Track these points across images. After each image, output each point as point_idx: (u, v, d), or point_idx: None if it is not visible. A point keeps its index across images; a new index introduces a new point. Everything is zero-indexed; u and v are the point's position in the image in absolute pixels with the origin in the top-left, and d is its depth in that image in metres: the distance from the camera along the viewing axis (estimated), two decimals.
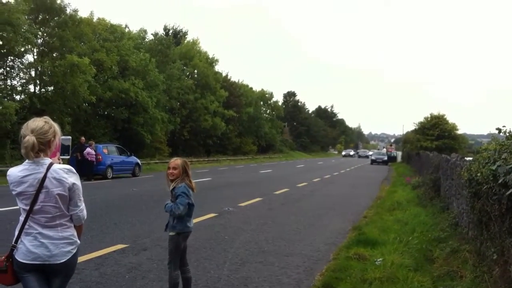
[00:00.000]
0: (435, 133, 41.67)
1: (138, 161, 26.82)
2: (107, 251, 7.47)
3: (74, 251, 3.23)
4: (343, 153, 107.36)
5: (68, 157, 19.07)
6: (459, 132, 45.11)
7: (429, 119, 43.59)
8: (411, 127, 55.08)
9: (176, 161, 5.03)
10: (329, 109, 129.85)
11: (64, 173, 3.13)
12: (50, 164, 3.11)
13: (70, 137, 21.01)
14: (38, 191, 3.06)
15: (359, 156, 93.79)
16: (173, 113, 43.80)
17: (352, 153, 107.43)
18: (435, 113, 43.94)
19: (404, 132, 75.93)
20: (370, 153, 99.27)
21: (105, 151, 24.19)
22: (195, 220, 10.20)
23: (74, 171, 3.23)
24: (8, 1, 25.88)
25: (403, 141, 62.34)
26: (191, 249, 7.18)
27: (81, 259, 6.34)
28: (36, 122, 3.13)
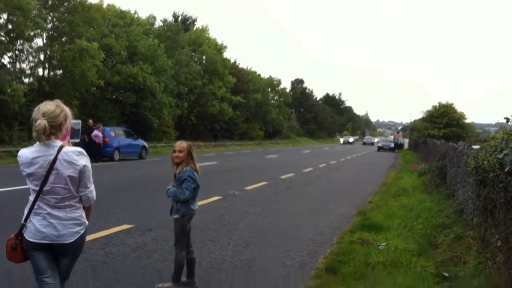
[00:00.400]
0: (443, 121, 41.46)
1: (145, 144, 26.93)
2: (113, 231, 7.54)
3: (82, 231, 3.28)
4: (341, 140, 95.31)
5: (78, 140, 19.18)
6: (467, 121, 44.88)
7: (437, 107, 43.37)
8: (419, 115, 54.98)
9: (182, 144, 5.04)
10: (337, 97, 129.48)
11: (75, 155, 3.18)
12: (61, 147, 3.15)
13: (79, 121, 21.11)
14: (48, 172, 3.10)
15: (364, 143, 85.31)
16: (180, 98, 43.82)
17: (351, 139, 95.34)
18: (444, 102, 43.74)
19: (412, 120, 75.71)
20: (376, 140, 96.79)
21: (113, 133, 24.30)
22: (200, 203, 10.25)
23: (85, 153, 3.27)
24: None
25: (411, 129, 62.10)
26: (196, 230, 7.24)
27: (87, 238, 6.37)
28: (48, 106, 3.16)
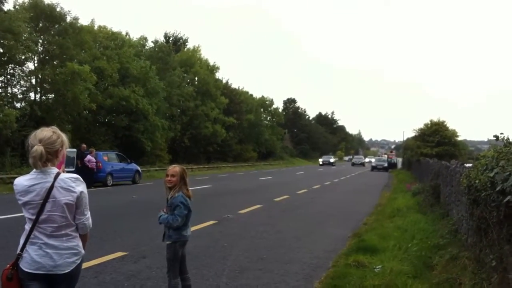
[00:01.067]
0: (435, 140, 41.57)
1: (138, 168, 26.81)
2: (107, 258, 7.47)
3: (78, 261, 3.24)
4: (320, 161, 78.22)
5: (73, 169, 19.06)
6: (460, 138, 45.04)
7: (429, 125, 43.51)
8: (411, 133, 55.06)
9: (175, 168, 5.03)
10: (329, 116, 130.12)
11: (71, 182, 3.15)
12: (58, 174, 3.13)
13: (75, 149, 21.05)
14: (45, 200, 3.07)
15: (353, 164, 76.42)
16: (173, 120, 43.88)
17: (332, 160, 79.36)
18: (435, 119, 43.93)
19: (405, 139, 75.92)
20: (368, 159, 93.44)
21: (106, 158, 24.20)
22: (194, 228, 10.23)
23: (81, 179, 3.25)
24: (9, 9, 25.99)
25: (404, 148, 62.30)
26: (190, 256, 7.18)
27: None
28: (44, 132, 3.14)
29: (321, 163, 76.33)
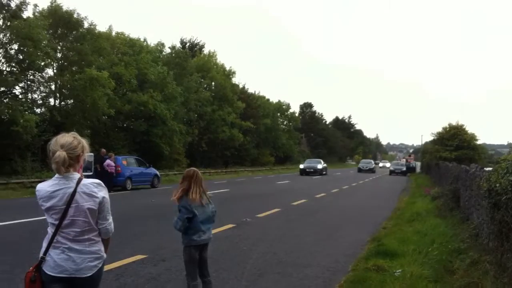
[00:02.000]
0: (454, 144, 41.22)
1: (157, 172, 26.98)
2: (127, 261, 7.55)
3: (100, 265, 3.28)
4: (301, 166, 52.24)
5: (91, 173, 19.24)
6: (479, 142, 44.57)
7: (447, 129, 43.14)
8: (430, 137, 54.47)
9: (189, 172, 5.10)
10: (346, 120, 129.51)
11: (94, 187, 3.19)
12: (80, 179, 3.17)
13: (92, 153, 21.27)
14: (68, 205, 3.11)
15: (360, 170, 61.90)
16: (191, 125, 44.10)
17: (320, 166, 51.97)
18: (454, 123, 43.54)
19: (423, 143, 75.29)
20: (381, 164, 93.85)
21: (125, 162, 24.40)
22: (213, 231, 10.26)
23: (103, 185, 3.29)
24: (29, 17, 26.38)
25: (422, 152, 61.78)
26: (211, 260, 7.19)
27: None
28: (66, 138, 3.18)
29: (303, 168, 54.11)
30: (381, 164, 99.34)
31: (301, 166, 52.48)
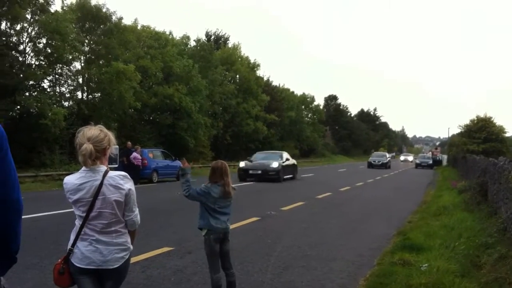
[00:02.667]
0: (482, 136, 40.53)
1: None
2: (153, 254, 7.64)
3: (127, 257, 3.33)
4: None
5: (116, 165, 19.48)
6: (507, 135, 43.76)
7: (475, 121, 42.44)
8: (457, 130, 53.53)
9: (217, 163, 5.21)
10: (372, 112, 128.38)
11: (120, 179, 3.23)
12: (106, 171, 3.21)
13: (117, 146, 21.47)
14: (95, 198, 3.15)
15: (371, 165, 50.20)
16: (215, 117, 44.30)
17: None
18: (482, 115, 42.80)
19: (450, 135, 74.24)
20: (402, 157, 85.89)
21: (151, 155, 24.65)
22: (238, 224, 10.35)
23: (129, 177, 3.33)
24: (57, 11, 26.77)
25: (449, 145, 60.96)
26: (235, 252, 7.27)
27: None
28: (92, 131, 3.22)
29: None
30: (402, 158, 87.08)
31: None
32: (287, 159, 28.17)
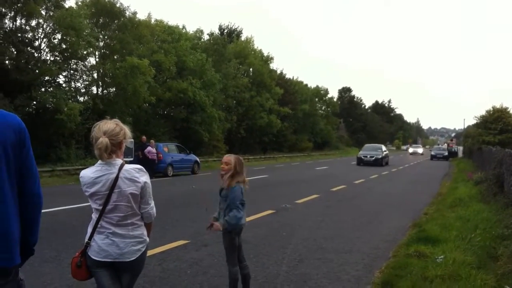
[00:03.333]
0: (498, 127, 40.11)
1: (197, 159, 27.30)
2: (169, 247, 7.71)
3: (143, 249, 3.36)
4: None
5: (132, 159, 19.61)
6: None
7: (491, 112, 41.99)
8: (472, 121, 53.07)
9: (229, 157, 5.09)
10: (386, 104, 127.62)
11: (136, 172, 3.27)
12: (122, 165, 3.24)
13: (132, 140, 21.60)
14: (111, 191, 3.19)
15: (361, 162, 37.94)
16: (229, 111, 44.37)
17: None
18: (498, 106, 42.32)
19: (465, 126, 73.56)
20: (411, 150, 76.90)
21: (166, 149, 24.76)
22: (253, 217, 10.39)
23: (145, 170, 3.36)
24: (71, 6, 26.93)
25: (464, 136, 60.44)
26: (250, 245, 7.32)
27: None
28: (108, 125, 3.25)
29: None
30: (411, 150, 78.06)
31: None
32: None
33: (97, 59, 30.16)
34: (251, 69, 51.46)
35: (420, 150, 76.41)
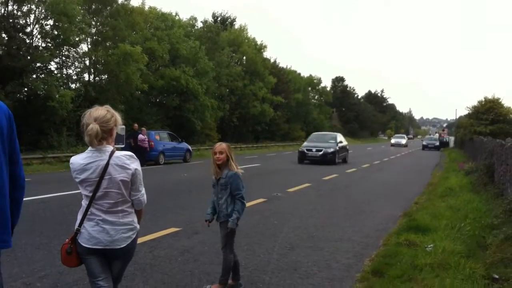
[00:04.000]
0: (490, 118, 40.18)
1: (189, 147, 27.24)
2: (160, 234, 7.71)
3: (134, 236, 3.36)
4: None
5: (123, 146, 19.54)
6: None
7: (483, 103, 42.05)
8: (464, 111, 53.25)
9: (222, 145, 5.05)
10: (379, 94, 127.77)
11: (126, 159, 3.26)
12: (112, 152, 3.23)
13: (124, 126, 21.54)
14: (101, 177, 3.18)
15: (304, 157, 26.47)
16: (222, 100, 44.27)
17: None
18: (490, 96, 42.38)
19: (457, 117, 73.84)
20: (393, 141, 67.88)
21: (157, 137, 24.70)
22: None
23: (135, 157, 3.36)
24: None
25: (456, 126, 60.65)
26: (242, 233, 7.32)
27: None
28: (99, 111, 3.23)
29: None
30: (393, 140, 69.45)
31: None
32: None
33: (89, 46, 29.94)
34: (244, 58, 51.30)
35: (403, 141, 67.43)
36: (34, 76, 25.47)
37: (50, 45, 26.45)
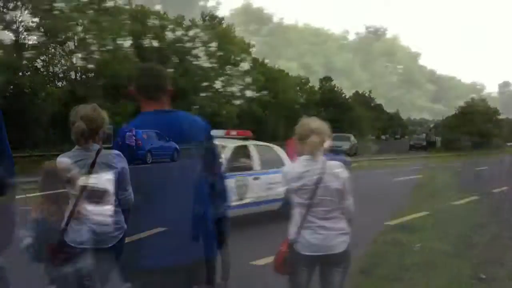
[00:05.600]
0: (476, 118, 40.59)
1: (177, 146, 27.11)
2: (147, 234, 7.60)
3: (121, 236, 3.25)
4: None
5: (110, 145, 19.41)
6: (501, 117, 43.87)
7: (469, 103, 42.47)
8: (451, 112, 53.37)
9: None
10: (366, 94, 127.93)
11: (113, 158, 3.23)
12: (99, 150, 3.19)
13: (111, 125, 21.37)
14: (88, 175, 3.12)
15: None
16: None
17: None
18: (476, 97, 42.82)
19: (444, 117, 74.20)
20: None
21: (145, 136, 24.49)
22: None
23: (122, 156, 3.33)
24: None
25: (443, 126, 61.01)
26: None
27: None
28: (86, 109, 3.18)
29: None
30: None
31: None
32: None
33: (76, 44, 29.50)
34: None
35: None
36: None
37: (36, 42, 26.16)
